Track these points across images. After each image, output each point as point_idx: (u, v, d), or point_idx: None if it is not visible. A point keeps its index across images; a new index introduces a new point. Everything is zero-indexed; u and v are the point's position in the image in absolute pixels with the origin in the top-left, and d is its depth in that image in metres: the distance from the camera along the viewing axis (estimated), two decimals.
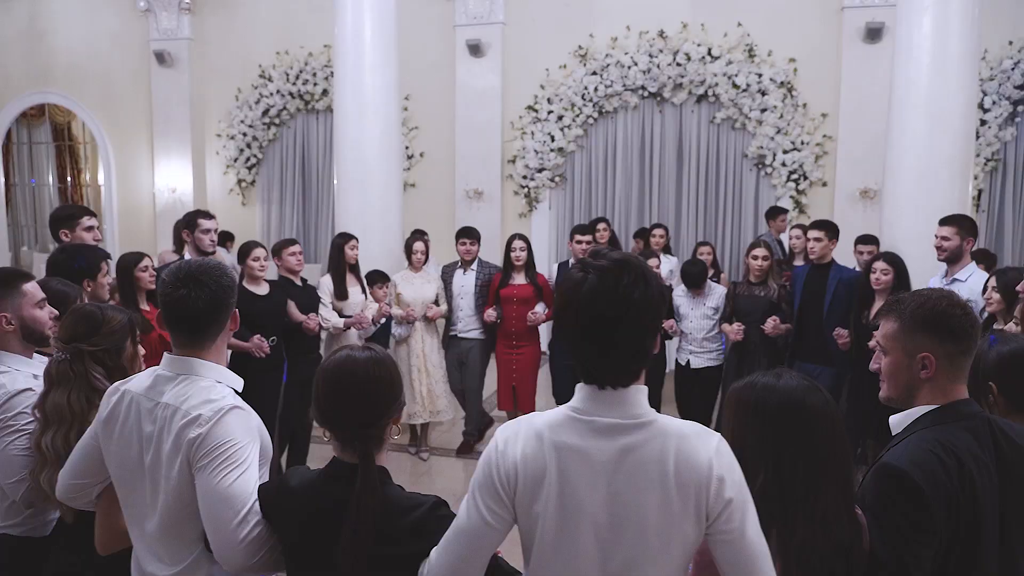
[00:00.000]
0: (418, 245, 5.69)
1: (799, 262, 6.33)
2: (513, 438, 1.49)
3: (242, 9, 9.79)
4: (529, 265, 5.49)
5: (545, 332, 6.14)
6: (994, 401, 1.97)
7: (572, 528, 1.44)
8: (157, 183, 10.09)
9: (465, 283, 5.63)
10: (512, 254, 5.44)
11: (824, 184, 8.32)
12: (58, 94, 10.47)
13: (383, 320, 5.48)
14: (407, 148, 9.20)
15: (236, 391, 1.88)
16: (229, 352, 3.84)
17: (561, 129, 8.83)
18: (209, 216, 4.68)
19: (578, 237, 5.53)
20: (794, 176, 8.28)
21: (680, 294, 5.34)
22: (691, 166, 8.64)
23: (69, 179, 11.01)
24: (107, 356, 2.14)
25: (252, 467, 1.76)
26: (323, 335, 5.28)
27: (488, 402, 6.16)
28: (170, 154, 9.97)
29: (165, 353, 1.91)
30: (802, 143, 8.23)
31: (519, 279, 5.46)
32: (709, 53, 8.33)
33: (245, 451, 1.75)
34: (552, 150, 8.88)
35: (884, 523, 1.58)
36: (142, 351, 2.32)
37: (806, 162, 8.23)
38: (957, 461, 1.59)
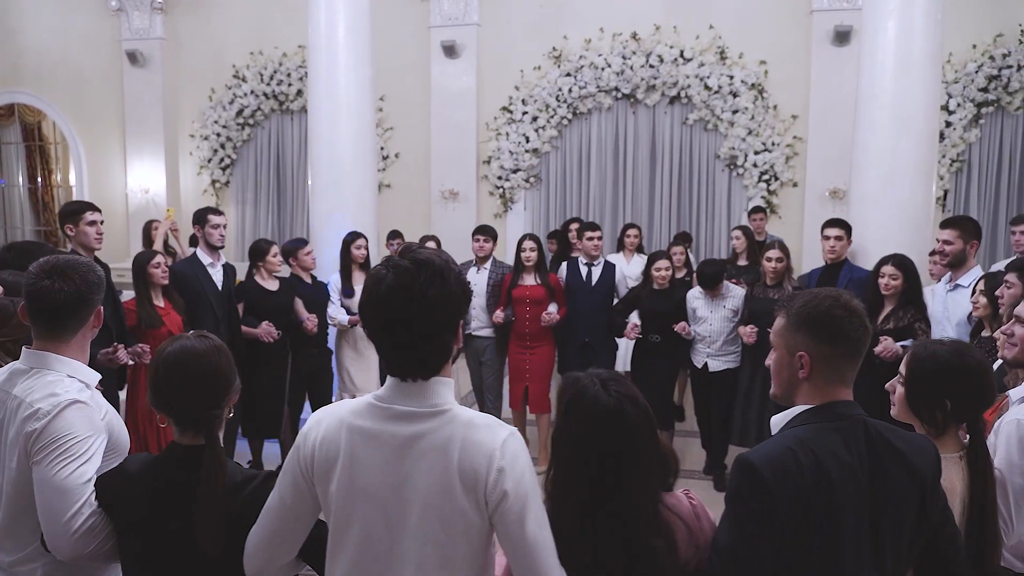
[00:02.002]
0: (429, 244, 5.74)
1: (743, 261, 6.37)
2: (318, 423, 1.55)
3: (215, 9, 9.72)
4: (540, 265, 5.45)
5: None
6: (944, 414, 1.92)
7: (361, 509, 1.49)
8: (130, 184, 9.98)
9: (478, 281, 5.56)
10: (522, 254, 5.40)
11: (795, 184, 8.44)
12: (28, 94, 10.32)
13: None
14: (382, 149, 9.20)
15: (89, 386, 1.89)
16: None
17: (536, 130, 8.88)
18: (218, 212, 4.99)
19: (589, 234, 5.53)
20: (765, 177, 8.40)
21: (696, 295, 5.20)
22: (664, 167, 8.73)
23: (40, 180, 10.85)
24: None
25: (91, 460, 1.76)
26: (331, 330, 5.42)
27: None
28: (143, 155, 9.87)
29: (24, 347, 1.92)
30: (773, 144, 8.34)
31: (529, 280, 5.40)
32: (681, 55, 8.42)
33: (85, 444, 1.76)
34: (527, 151, 8.92)
35: (727, 511, 1.59)
36: None
37: (777, 163, 8.35)
38: (815, 460, 1.54)
